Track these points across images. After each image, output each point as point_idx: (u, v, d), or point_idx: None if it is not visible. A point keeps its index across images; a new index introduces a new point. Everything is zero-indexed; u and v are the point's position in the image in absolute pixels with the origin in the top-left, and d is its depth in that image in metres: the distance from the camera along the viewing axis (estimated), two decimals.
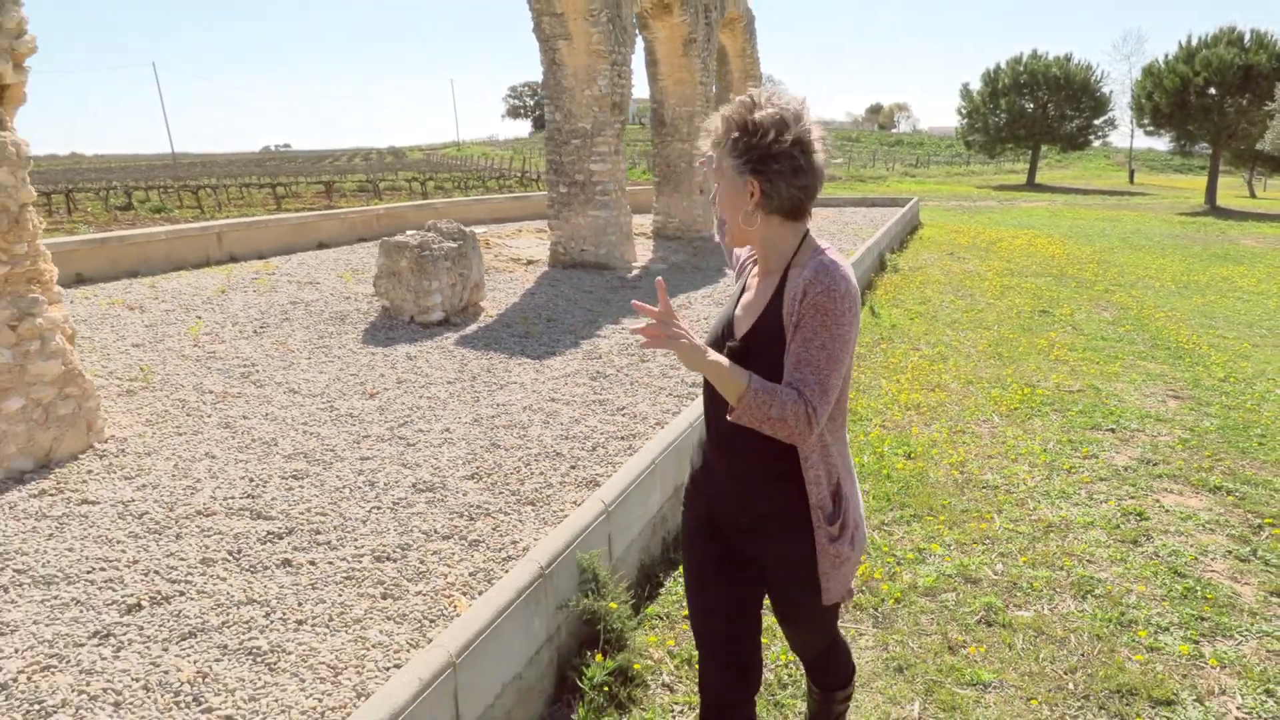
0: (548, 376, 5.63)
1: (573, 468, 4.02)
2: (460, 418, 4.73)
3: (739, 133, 1.60)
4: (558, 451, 4.22)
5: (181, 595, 2.85)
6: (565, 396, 5.17)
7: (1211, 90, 29.01)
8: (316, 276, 8.97)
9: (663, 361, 6.02)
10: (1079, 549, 3.62)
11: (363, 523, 3.41)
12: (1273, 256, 14.82)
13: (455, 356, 6.10)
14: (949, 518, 3.91)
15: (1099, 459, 4.67)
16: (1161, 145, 36.08)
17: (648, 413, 4.87)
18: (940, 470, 4.49)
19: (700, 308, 8.19)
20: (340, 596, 2.86)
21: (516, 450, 4.23)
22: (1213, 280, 11.67)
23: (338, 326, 6.87)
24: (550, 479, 3.88)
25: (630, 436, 4.46)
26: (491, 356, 6.11)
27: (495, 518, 3.48)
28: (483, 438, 4.41)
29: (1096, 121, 41.03)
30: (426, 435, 4.44)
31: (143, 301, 7.56)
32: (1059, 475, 4.44)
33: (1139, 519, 3.91)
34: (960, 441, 4.94)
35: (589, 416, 4.79)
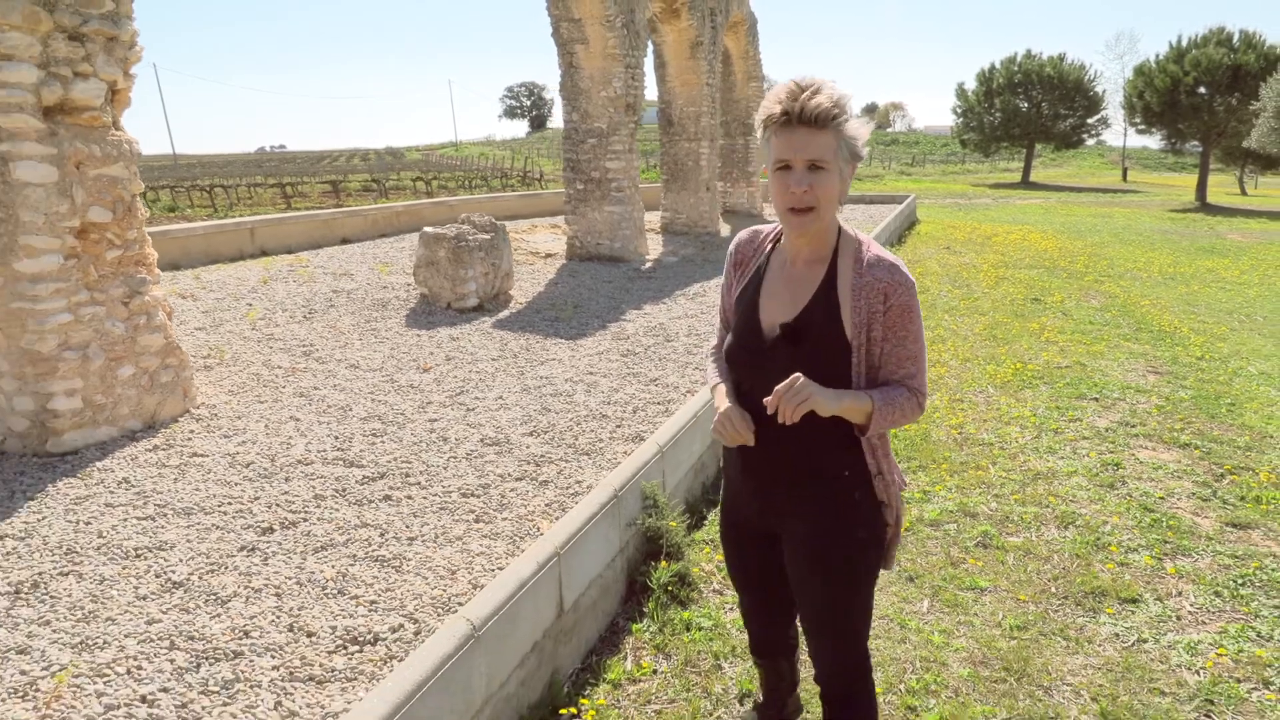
0: (582, 354, 6.16)
1: (618, 426, 4.55)
2: (510, 388, 5.26)
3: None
4: (603, 414, 4.75)
5: (305, 521, 3.38)
6: (601, 370, 5.71)
7: (1201, 89, 29.72)
8: (349, 269, 9.49)
9: (687, 341, 6.56)
10: (1063, 491, 4.17)
11: (444, 469, 3.95)
12: (1257, 250, 15.42)
13: (494, 337, 6.63)
14: (950, 467, 4.46)
15: (1083, 422, 5.21)
16: (1153, 144, 36.73)
17: (678, 383, 5.40)
18: (941, 431, 5.04)
19: (714, 297, 8.73)
20: (440, 521, 3.39)
21: (566, 413, 4.76)
22: (1198, 272, 12.25)
23: (380, 312, 7.40)
24: (600, 435, 4.41)
25: (665, 402, 5.00)
26: (528, 337, 6.64)
27: (558, 464, 4.01)
28: (534, 403, 4.94)
29: (1090, 120, 41.72)
30: (483, 401, 4.98)
31: (193, 291, 8.07)
32: (1047, 435, 4.99)
33: (1116, 468, 4.46)
34: (959, 409, 5.49)
35: (626, 386, 5.32)
